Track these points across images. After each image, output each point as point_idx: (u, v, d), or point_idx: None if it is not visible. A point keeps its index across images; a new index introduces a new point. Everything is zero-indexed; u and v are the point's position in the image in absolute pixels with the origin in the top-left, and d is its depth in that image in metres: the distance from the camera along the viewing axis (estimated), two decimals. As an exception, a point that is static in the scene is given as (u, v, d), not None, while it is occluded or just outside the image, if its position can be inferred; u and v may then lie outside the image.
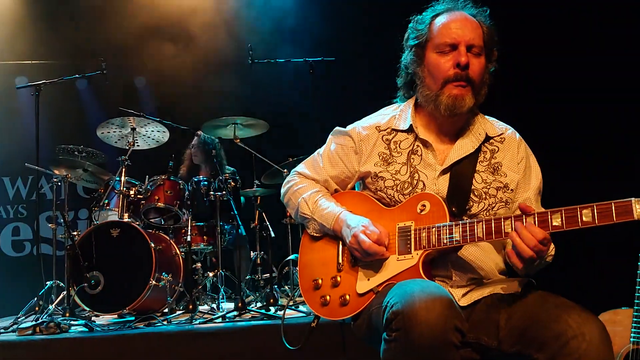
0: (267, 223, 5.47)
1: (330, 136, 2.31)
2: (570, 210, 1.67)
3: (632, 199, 1.58)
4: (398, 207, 2.02)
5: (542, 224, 1.71)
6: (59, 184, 5.00)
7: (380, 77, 2.27)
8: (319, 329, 2.16)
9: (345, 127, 2.25)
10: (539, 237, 1.70)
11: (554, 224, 1.69)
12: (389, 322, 1.65)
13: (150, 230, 4.90)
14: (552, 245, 1.99)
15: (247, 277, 5.55)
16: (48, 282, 4.94)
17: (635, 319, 2.51)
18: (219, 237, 5.01)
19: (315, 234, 2.19)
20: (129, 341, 3.74)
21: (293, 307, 4.49)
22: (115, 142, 5.41)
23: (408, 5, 2.24)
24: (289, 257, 5.20)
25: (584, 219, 1.64)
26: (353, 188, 2.26)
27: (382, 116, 2.21)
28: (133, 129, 5.20)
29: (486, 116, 2.18)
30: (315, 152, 2.34)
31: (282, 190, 2.36)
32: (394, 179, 2.07)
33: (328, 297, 2.03)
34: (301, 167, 2.35)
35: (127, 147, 5.16)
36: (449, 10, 2.06)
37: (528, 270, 1.92)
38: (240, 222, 5.30)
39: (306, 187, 2.25)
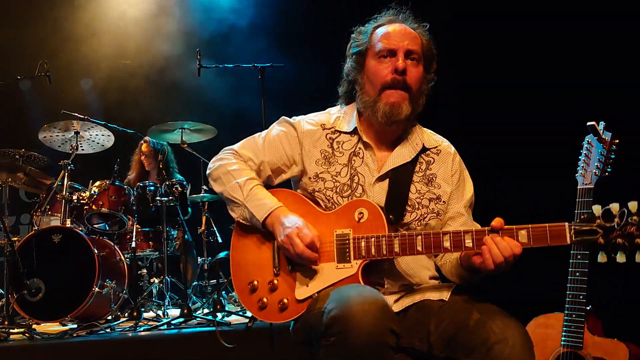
0: (215, 229, 5.45)
1: (274, 123, 2.27)
2: (507, 231, 1.77)
3: (566, 223, 1.68)
4: (334, 212, 2.04)
5: (479, 242, 1.79)
6: (-1, 188, 4.85)
7: (329, 84, 2.31)
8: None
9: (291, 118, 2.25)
10: (515, 250, 1.75)
11: None
12: (327, 328, 1.69)
13: (94, 236, 4.80)
14: None
15: (194, 283, 5.52)
16: (-14, 290, 4.79)
17: (565, 323, 2.61)
18: (165, 242, 4.96)
19: (240, 220, 2.13)
20: (70, 349, 3.68)
21: (241, 314, 4.49)
22: (59, 146, 5.30)
23: (356, 14, 2.29)
24: (219, 255, 5.17)
25: (521, 240, 1.75)
26: (282, 185, 2.23)
27: (327, 115, 2.23)
28: (77, 133, 5.11)
29: (423, 127, 2.24)
30: (257, 134, 2.27)
31: (211, 165, 2.24)
32: (334, 180, 2.09)
33: (265, 300, 2.03)
34: (237, 146, 2.25)
35: (71, 151, 5.06)
36: (390, 22, 2.14)
37: (472, 280, 2.00)
38: (187, 228, 5.26)
39: (241, 170, 2.15)
